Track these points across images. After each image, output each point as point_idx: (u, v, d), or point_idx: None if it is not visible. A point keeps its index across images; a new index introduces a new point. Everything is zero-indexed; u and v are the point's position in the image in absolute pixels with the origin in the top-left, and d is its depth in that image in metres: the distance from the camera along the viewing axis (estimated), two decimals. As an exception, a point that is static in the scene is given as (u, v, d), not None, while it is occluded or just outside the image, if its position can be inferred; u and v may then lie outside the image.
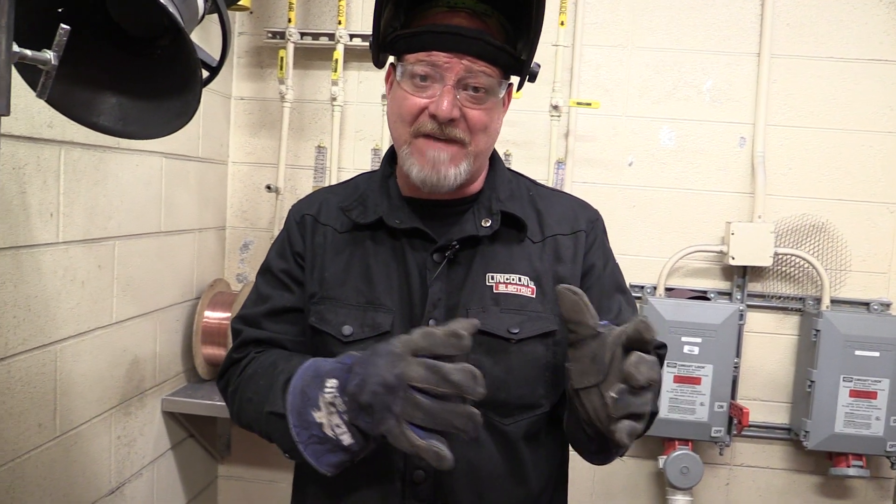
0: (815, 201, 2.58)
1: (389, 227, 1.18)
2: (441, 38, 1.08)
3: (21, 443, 1.63)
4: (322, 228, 1.24)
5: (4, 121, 1.52)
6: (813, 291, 2.59)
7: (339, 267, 1.19)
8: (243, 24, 2.75)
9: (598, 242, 1.24)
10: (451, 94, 1.08)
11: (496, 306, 1.13)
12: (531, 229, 1.20)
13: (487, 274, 1.15)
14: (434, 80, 1.09)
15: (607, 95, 2.62)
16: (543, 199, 1.26)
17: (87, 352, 1.87)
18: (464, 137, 1.11)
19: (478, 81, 1.09)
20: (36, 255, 1.65)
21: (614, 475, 2.72)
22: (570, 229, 1.21)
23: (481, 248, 1.17)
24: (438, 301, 1.13)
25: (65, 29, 0.86)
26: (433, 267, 1.15)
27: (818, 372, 2.44)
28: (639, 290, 2.63)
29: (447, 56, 1.08)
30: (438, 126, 1.09)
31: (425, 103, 1.10)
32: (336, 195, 1.29)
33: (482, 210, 1.18)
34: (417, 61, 1.09)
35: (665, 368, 2.47)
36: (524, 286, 1.15)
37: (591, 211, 1.28)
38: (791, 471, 2.67)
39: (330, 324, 1.16)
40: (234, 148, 2.78)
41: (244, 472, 2.85)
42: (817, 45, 2.55)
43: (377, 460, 1.08)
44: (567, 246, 1.19)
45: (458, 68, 1.08)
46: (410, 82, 1.11)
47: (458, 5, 1.10)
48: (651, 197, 2.64)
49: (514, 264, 1.16)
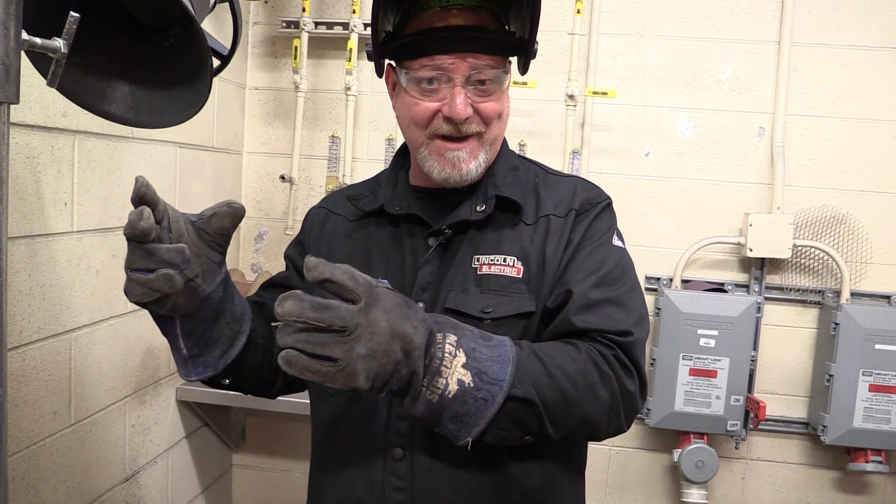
0: (836, 192, 2.54)
1: (391, 214, 1.22)
2: (442, 41, 1.09)
3: (36, 430, 1.64)
4: (335, 218, 1.30)
5: (19, 110, 1.52)
6: (832, 284, 2.56)
7: (344, 251, 1.24)
8: (258, 13, 2.74)
9: (586, 221, 1.18)
10: (463, 94, 1.09)
11: (477, 287, 1.13)
12: (527, 212, 1.19)
13: (475, 256, 1.16)
14: (441, 81, 1.11)
15: (624, 85, 2.59)
16: (549, 184, 1.25)
17: (102, 340, 1.88)
18: (479, 130, 1.14)
19: (484, 75, 1.11)
20: (50, 244, 1.66)
21: (628, 468, 2.71)
22: (565, 210, 1.19)
23: (472, 231, 1.18)
24: (428, 284, 1.15)
25: (74, 17, 0.86)
26: (425, 250, 1.17)
27: (837, 366, 2.41)
28: (655, 281, 2.60)
29: (451, 57, 1.09)
30: (455, 127, 1.11)
31: (437, 106, 1.11)
32: (355, 188, 1.35)
33: (479, 196, 1.19)
34: (422, 67, 1.11)
35: (681, 361, 2.46)
36: (510, 266, 1.14)
37: (593, 193, 1.23)
38: (808, 466, 2.64)
39: None
40: (249, 138, 2.78)
41: (258, 461, 2.86)
42: (839, 33, 2.50)
43: (362, 437, 1.12)
44: (557, 227, 1.17)
45: (464, 67, 1.09)
46: (418, 88, 1.12)
47: (450, 3, 1.10)
48: (668, 188, 2.61)
49: (503, 246, 1.16)
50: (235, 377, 1.16)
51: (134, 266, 0.93)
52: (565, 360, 1.02)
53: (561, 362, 1.01)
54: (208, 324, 1.05)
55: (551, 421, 0.99)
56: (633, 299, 1.13)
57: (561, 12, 2.57)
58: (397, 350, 0.89)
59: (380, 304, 0.89)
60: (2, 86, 0.73)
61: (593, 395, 1.02)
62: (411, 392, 0.93)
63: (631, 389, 1.06)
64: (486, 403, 0.95)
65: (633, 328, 1.08)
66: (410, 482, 1.10)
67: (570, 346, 1.05)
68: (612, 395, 1.04)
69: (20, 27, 0.75)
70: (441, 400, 0.93)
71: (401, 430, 1.11)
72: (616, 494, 2.72)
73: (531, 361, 0.99)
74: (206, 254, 1.01)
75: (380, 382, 0.89)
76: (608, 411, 1.04)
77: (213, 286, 1.03)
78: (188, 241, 0.98)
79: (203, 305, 1.02)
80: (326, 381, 0.87)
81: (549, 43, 2.57)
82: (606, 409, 1.04)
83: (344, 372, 0.86)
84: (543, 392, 0.98)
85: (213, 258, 1.03)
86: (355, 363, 0.86)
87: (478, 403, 0.94)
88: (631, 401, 1.07)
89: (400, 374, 0.90)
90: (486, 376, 0.95)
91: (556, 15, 2.56)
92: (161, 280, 0.92)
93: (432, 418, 0.95)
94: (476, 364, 0.95)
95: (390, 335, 0.88)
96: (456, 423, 0.95)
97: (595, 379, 1.02)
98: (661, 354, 2.48)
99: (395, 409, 1.12)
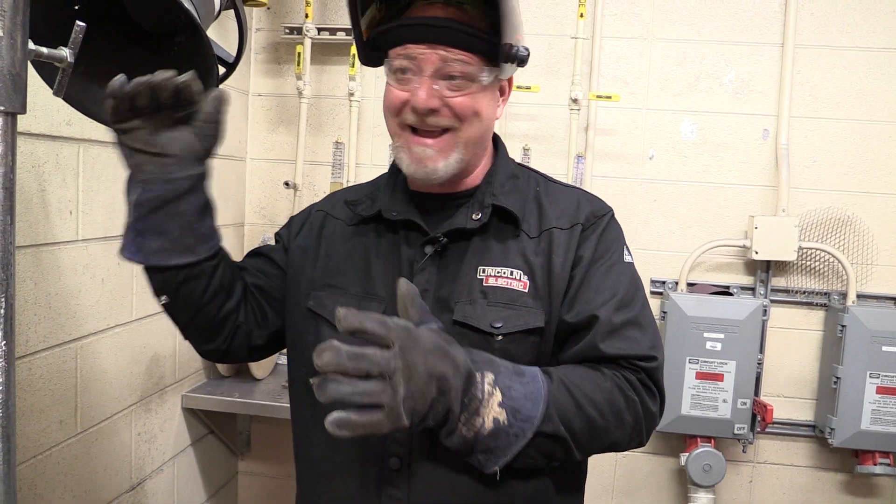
0: (841, 194, 2.53)
1: (389, 220, 1.21)
2: (413, 31, 1.09)
3: (42, 439, 1.64)
4: (333, 222, 1.29)
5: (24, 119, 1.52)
6: (838, 286, 2.55)
7: (342, 257, 1.23)
8: (260, 19, 2.75)
9: (594, 236, 1.18)
10: (427, 85, 1.09)
11: (483, 299, 1.13)
12: (528, 224, 1.18)
13: (479, 267, 1.15)
14: (413, 72, 1.11)
15: (627, 88, 2.59)
16: (551, 195, 1.23)
17: (108, 349, 1.88)
18: (451, 124, 1.12)
19: (454, 69, 1.09)
20: (56, 253, 1.65)
21: (635, 472, 2.70)
22: (569, 223, 1.19)
23: (475, 241, 1.17)
24: (425, 292, 1.14)
25: (81, 26, 0.86)
26: (421, 258, 1.16)
27: (844, 368, 2.40)
28: (660, 285, 2.60)
29: (421, 47, 1.09)
30: (419, 118, 1.11)
31: (406, 96, 1.11)
32: (353, 192, 1.34)
33: (475, 204, 1.18)
34: (397, 56, 1.11)
35: (687, 365, 2.45)
36: (516, 280, 1.14)
37: (596, 205, 1.23)
38: (816, 468, 2.63)
39: (326, 309, 1.19)
40: (252, 144, 2.78)
41: (264, 468, 2.86)
42: (842, 34, 2.50)
43: (359, 447, 1.12)
44: (562, 240, 1.17)
45: (433, 58, 1.09)
46: (394, 76, 1.13)
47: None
48: (672, 191, 2.61)
49: (508, 258, 1.16)
50: (173, 298, 1.15)
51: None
52: (593, 388, 1.05)
53: (589, 391, 1.05)
54: (162, 204, 1.07)
55: (578, 448, 1.04)
56: (647, 316, 1.17)
57: (564, 16, 2.57)
58: (433, 390, 0.92)
59: (418, 346, 0.92)
60: (9, 96, 0.73)
61: (619, 421, 1.07)
62: (447, 426, 0.96)
63: (653, 410, 1.11)
64: (517, 438, 0.99)
65: (656, 352, 1.12)
66: (407, 492, 1.10)
67: (597, 374, 1.08)
68: (635, 418, 1.09)
69: (27, 37, 0.75)
70: (476, 436, 0.97)
71: (398, 440, 1.10)
72: (623, 499, 2.71)
73: (561, 394, 1.03)
74: (189, 141, 1.06)
75: (417, 419, 0.92)
76: (631, 433, 1.09)
77: (181, 175, 1.07)
78: (178, 124, 1.05)
79: (163, 186, 1.06)
80: (376, 430, 0.89)
81: (552, 47, 2.57)
82: (629, 431, 1.09)
83: (390, 417, 0.89)
84: (572, 424, 1.02)
85: (194, 149, 1.08)
86: (399, 406, 0.89)
87: (509, 438, 0.99)
88: (652, 420, 1.12)
89: (436, 411, 0.93)
90: (519, 414, 0.98)
91: (559, 19, 2.56)
92: (120, 82, 0.97)
93: (464, 450, 0.99)
94: (511, 402, 0.98)
95: (427, 377, 0.91)
96: (486, 455, 0.99)
97: (621, 405, 1.07)
98: (667, 358, 2.46)
99: None
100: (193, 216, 1.10)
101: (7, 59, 0.72)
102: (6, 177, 0.74)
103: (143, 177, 1.05)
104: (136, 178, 1.06)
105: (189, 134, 1.05)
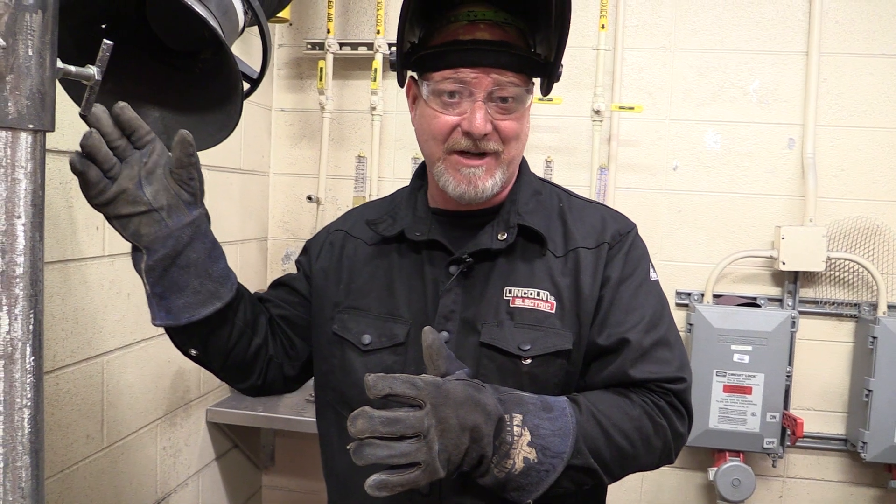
0: (869, 203, 2.49)
1: (411, 240, 1.19)
2: (467, 54, 1.07)
3: (70, 454, 1.65)
4: (353, 241, 1.27)
5: (52, 136, 1.54)
6: (868, 297, 2.50)
7: (364, 278, 1.22)
8: (283, 35, 2.77)
9: (620, 255, 1.17)
10: (483, 110, 1.08)
11: (511, 320, 1.12)
12: (554, 243, 1.17)
13: (505, 288, 1.14)
14: (463, 95, 1.09)
15: (650, 99, 2.57)
16: (574, 211, 1.22)
17: (133, 363, 1.89)
18: (497, 148, 1.11)
19: (507, 92, 1.09)
20: (82, 269, 1.67)
21: (662, 487, 2.66)
22: (595, 242, 1.17)
23: (500, 261, 1.16)
24: (451, 313, 1.13)
25: (108, 44, 0.87)
26: (446, 279, 1.15)
27: (876, 380, 2.35)
28: (686, 297, 2.57)
29: (474, 71, 1.07)
30: (473, 142, 1.09)
31: (456, 121, 1.09)
32: (372, 209, 1.32)
33: (500, 223, 1.17)
34: (444, 79, 1.09)
35: (714, 377, 2.41)
36: (543, 301, 1.13)
37: (622, 223, 1.22)
38: (848, 483, 2.57)
39: (351, 332, 1.18)
40: (276, 159, 2.80)
41: (288, 482, 2.85)
42: (868, 41, 2.47)
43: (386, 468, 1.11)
44: (589, 260, 1.15)
45: (487, 82, 1.07)
46: (439, 100, 1.10)
47: (477, 18, 1.09)
48: (697, 202, 2.58)
49: (535, 279, 1.14)
50: (203, 348, 1.16)
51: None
52: (622, 417, 1.06)
53: (618, 421, 1.05)
54: (171, 261, 1.05)
55: (607, 475, 1.05)
56: (674, 333, 1.17)
57: (585, 28, 2.56)
58: (466, 441, 0.93)
59: (449, 401, 0.92)
60: (38, 114, 0.74)
61: (648, 447, 1.07)
62: (480, 469, 0.97)
63: (682, 431, 1.12)
64: (548, 474, 0.99)
65: (684, 373, 1.13)
66: None
67: (626, 400, 1.08)
68: (664, 442, 1.09)
69: (55, 56, 0.76)
70: (507, 476, 0.97)
71: None
72: (650, 514, 2.67)
73: (590, 425, 1.03)
74: (174, 190, 1.02)
75: (453, 469, 0.93)
76: (660, 455, 1.11)
77: (179, 225, 1.03)
78: (158, 177, 1.01)
79: (166, 242, 1.03)
80: (414, 486, 0.91)
81: (574, 59, 2.56)
82: (658, 455, 1.10)
83: (427, 472, 0.90)
84: (602, 454, 1.03)
85: (182, 196, 1.03)
86: (435, 461, 0.90)
87: (539, 475, 0.99)
88: (680, 440, 1.13)
89: (470, 458, 0.94)
90: (549, 451, 0.99)
91: (580, 31, 2.56)
92: (75, 158, 0.97)
93: (497, 489, 0.99)
94: (540, 441, 0.99)
95: (460, 430, 0.92)
96: (518, 492, 0.99)
97: (650, 432, 1.07)
98: (694, 371, 2.42)
99: None
100: (205, 262, 1.09)
101: (36, 77, 0.73)
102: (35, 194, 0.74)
103: (144, 242, 1.03)
104: (138, 247, 1.04)
105: (171, 182, 1.02)
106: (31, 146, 0.74)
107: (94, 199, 1.00)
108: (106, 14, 1.09)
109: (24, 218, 0.74)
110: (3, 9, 0.70)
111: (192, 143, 1.02)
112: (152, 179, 1.00)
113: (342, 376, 1.19)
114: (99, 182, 0.98)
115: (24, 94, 0.72)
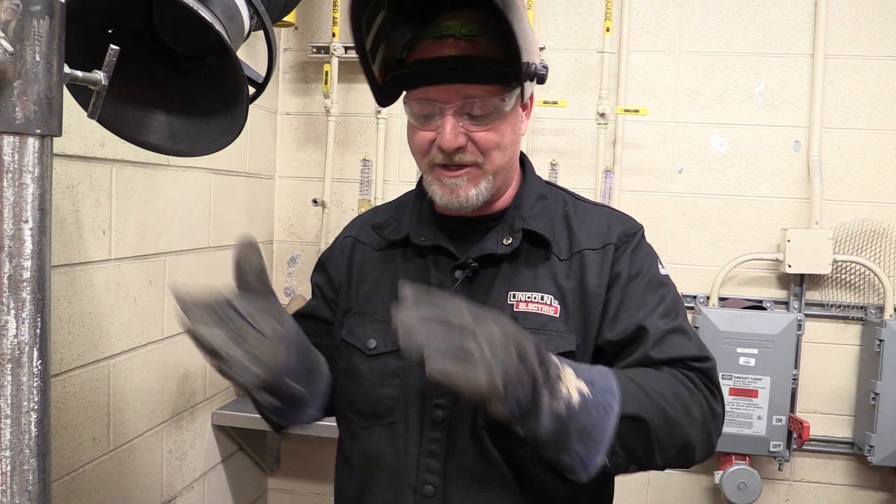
0: (876, 205, 2.49)
1: (417, 245, 1.20)
2: (429, 73, 1.08)
3: (76, 457, 1.66)
4: (361, 247, 1.29)
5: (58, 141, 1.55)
6: (875, 299, 2.49)
7: (371, 283, 1.23)
8: (288, 39, 2.78)
9: (626, 254, 1.17)
10: (452, 123, 1.07)
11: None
12: (559, 246, 1.17)
13: (509, 292, 1.14)
14: (435, 112, 1.10)
15: (655, 101, 2.57)
16: (580, 214, 1.22)
17: (140, 366, 1.90)
18: (476, 160, 1.11)
19: (477, 105, 1.08)
20: (89, 272, 1.68)
21: (668, 490, 2.65)
22: (601, 243, 1.17)
23: (504, 266, 1.16)
24: None
25: (115, 49, 0.87)
26: (451, 284, 1.15)
27: (883, 383, 2.34)
28: (691, 300, 2.56)
29: (439, 89, 1.07)
30: (447, 156, 1.10)
31: (432, 135, 1.10)
32: (379, 214, 1.33)
33: (505, 228, 1.17)
34: (416, 99, 1.11)
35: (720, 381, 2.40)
36: (546, 305, 1.13)
37: (628, 224, 1.22)
38: (855, 487, 2.56)
39: (357, 337, 1.20)
40: (281, 163, 2.81)
41: (294, 486, 2.86)
42: (874, 44, 2.46)
43: (393, 473, 1.12)
44: (594, 261, 1.16)
45: (454, 97, 1.07)
46: (415, 118, 1.12)
47: (443, 34, 1.08)
48: (702, 204, 2.58)
49: (538, 283, 1.14)
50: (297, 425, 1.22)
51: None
52: (656, 382, 1.03)
53: (653, 384, 1.02)
54: (286, 405, 1.09)
55: (658, 444, 0.99)
56: (689, 326, 1.16)
57: (590, 31, 2.56)
58: (513, 353, 0.88)
59: (487, 317, 0.90)
60: (45, 119, 0.74)
61: (688, 414, 1.03)
62: (535, 402, 0.90)
63: (718, 410, 1.08)
64: (607, 413, 0.94)
65: (708, 353, 1.11)
66: None
67: (655, 370, 1.06)
68: (702, 414, 1.05)
69: (62, 61, 0.76)
70: (569, 411, 0.91)
71: (432, 468, 1.10)
72: (656, 518, 2.66)
73: (627, 383, 0.99)
74: (266, 309, 1.03)
75: (510, 387, 0.87)
76: (701, 431, 1.05)
77: (296, 374, 1.06)
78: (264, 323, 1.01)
79: (287, 388, 1.06)
80: (474, 385, 0.85)
81: (579, 61, 2.56)
82: (700, 429, 1.04)
83: (486, 373, 0.85)
84: (649, 411, 0.98)
85: (274, 304, 1.05)
86: (487, 359, 0.85)
87: (599, 413, 0.94)
88: (718, 423, 1.09)
89: (522, 379, 0.88)
90: (597, 385, 0.95)
91: (585, 34, 2.56)
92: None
93: (561, 437, 0.93)
94: (583, 374, 0.96)
95: (504, 337, 0.88)
96: (584, 443, 0.93)
97: (687, 398, 1.03)
98: (699, 374, 2.43)
99: (426, 446, 1.11)
100: (311, 386, 1.14)
101: (43, 83, 0.73)
102: (42, 198, 0.75)
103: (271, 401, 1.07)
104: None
105: (264, 301, 1.03)
106: (38, 151, 0.74)
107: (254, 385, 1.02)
108: (112, 19, 1.10)
109: (31, 222, 0.74)
110: (11, 15, 0.70)
111: (253, 243, 1.10)
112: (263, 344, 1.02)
113: (349, 381, 1.19)
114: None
115: (32, 100, 0.73)
